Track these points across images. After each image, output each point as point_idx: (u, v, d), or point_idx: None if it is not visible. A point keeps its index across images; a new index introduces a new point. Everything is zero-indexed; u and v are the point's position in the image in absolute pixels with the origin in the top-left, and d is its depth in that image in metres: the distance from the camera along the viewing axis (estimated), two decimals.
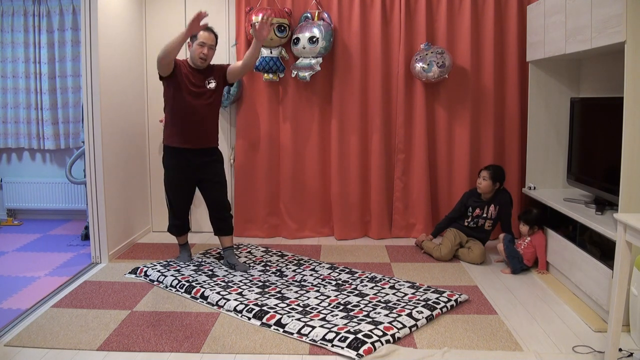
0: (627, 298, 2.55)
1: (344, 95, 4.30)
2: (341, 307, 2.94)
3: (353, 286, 3.27)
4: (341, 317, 2.78)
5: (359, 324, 2.68)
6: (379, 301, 3.02)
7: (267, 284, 3.32)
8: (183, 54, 4.41)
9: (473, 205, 3.90)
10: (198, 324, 2.79)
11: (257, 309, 2.87)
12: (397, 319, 2.73)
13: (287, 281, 3.38)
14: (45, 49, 4.82)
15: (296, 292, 3.18)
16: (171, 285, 3.28)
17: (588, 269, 2.93)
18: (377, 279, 3.39)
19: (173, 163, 3.52)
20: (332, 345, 2.50)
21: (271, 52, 4.15)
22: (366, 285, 3.28)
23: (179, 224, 3.72)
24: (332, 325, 2.66)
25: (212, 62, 3.52)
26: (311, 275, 3.49)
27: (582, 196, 3.54)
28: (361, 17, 4.24)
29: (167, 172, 3.58)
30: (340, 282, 3.36)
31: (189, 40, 3.40)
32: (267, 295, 3.10)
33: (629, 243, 2.21)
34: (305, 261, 3.78)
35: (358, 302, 3.01)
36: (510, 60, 4.24)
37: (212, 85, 3.48)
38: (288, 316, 2.78)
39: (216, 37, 3.49)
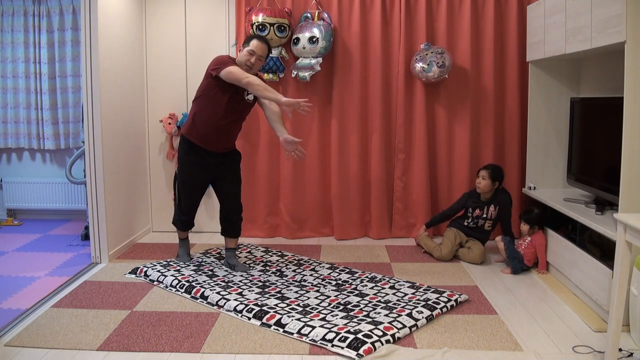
0: (627, 298, 2.55)
1: (344, 95, 4.30)
2: (341, 307, 2.94)
3: (353, 286, 3.27)
4: (341, 317, 2.78)
5: (359, 324, 2.68)
6: (379, 301, 3.02)
7: (267, 284, 3.32)
8: (179, 58, 4.41)
9: (473, 206, 3.89)
10: (198, 324, 2.79)
11: (257, 309, 2.87)
12: (397, 319, 2.73)
13: (287, 281, 3.38)
14: (45, 49, 4.82)
15: (296, 292, 3.18)
16: (171, 285, 3.28)
17: (588, 269, 2.93)
18: (377, 279, 3.39)
19: (191, 160, 3.42)
20: (332, 345, 2.50)
21: (271, 52, 4.14)
22: (366, 285, 3.28)
23: (185, 220, 3.66)
24: (332, 325, 2.66)
25: (257, 72, 3.43)
26: (311, 275, 3.49)
27: (582, 196, 3.54)
28: (361, 17, 4.24)
29: (184, 167, 3.46)
30: (340, 282, 3.36)
31: (243, 44, 3.32)
32: (267, 295, 3.10)
33: (629, 243, 2.21)
34: (305, 261, 3.78)
35: (358, 302, 3.01)
36: (510, 60, 4.24)
37: (251, 98, 3.40)
38: (288, 316, 2.78)
39: (269, 49, 3.38)
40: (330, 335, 2.55)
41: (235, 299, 3.00)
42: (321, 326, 2.65)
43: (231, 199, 3.56)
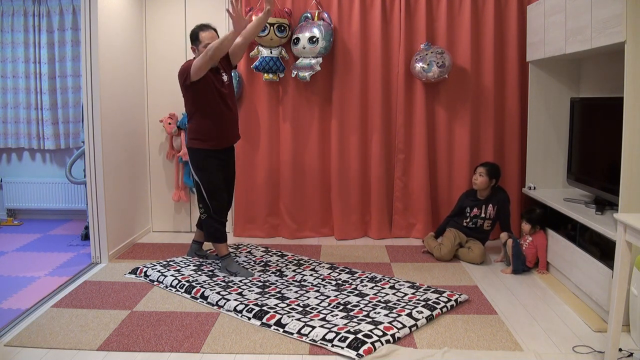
0: (627, 298, 2.55)
1: (344, 95, 4.30)
2: (341, 307, 2.94)
3: (353, 286, 3.27)
4: (341, 317, 2.78)
5: (359, 324, 2.68)
6: (379, 301, 3.02)
7: (267, 284, 3.32)
8: (179, 58, 4.42)
9: (470, 205, 3.89)
10: (198, 324, 2.79)
11: (257, 309, 2.87)
12: (397, 319, 2.73)
13: (287, 281, 3.38)
14: (45, 49, 4.82)
15: (296, 292, 3.18)
16: (171, 285, 3.28)
17: (588, 269, 2.93)
18: (377, 279, 3.39)
19: (214, 163, 3.43)
20: (332, 345, 2.50)
21: (271, 52, 4.15)
22: (366, 285, 3.28)
23: (225, 225, 3.59)
24: (332, 325, 2.66)
25: None
26: (311, 275, 3.49)
27: (582, 196, 3.54)
28: (361, 17, 4.24)
29: (208, 174, 3.43)
30: (340, 282, 3.36)
31: (192, 45, 3.37)
32: (267, 295, 3.10)
33: (629, 243, 2.21)
34: (305, 261, 3.78)
35: (358, 302, 3.01)
36: (510, 60, 4.24)
37: (225, 77, 3.45)
38: (288, 316, 2.78)
39: (216, 31, 3.44)
40: (330, 335, 2.55)
41: (235, 299, 3.00)
42: (321, 326, 2.65)
43: (231, 191, 3.65)
